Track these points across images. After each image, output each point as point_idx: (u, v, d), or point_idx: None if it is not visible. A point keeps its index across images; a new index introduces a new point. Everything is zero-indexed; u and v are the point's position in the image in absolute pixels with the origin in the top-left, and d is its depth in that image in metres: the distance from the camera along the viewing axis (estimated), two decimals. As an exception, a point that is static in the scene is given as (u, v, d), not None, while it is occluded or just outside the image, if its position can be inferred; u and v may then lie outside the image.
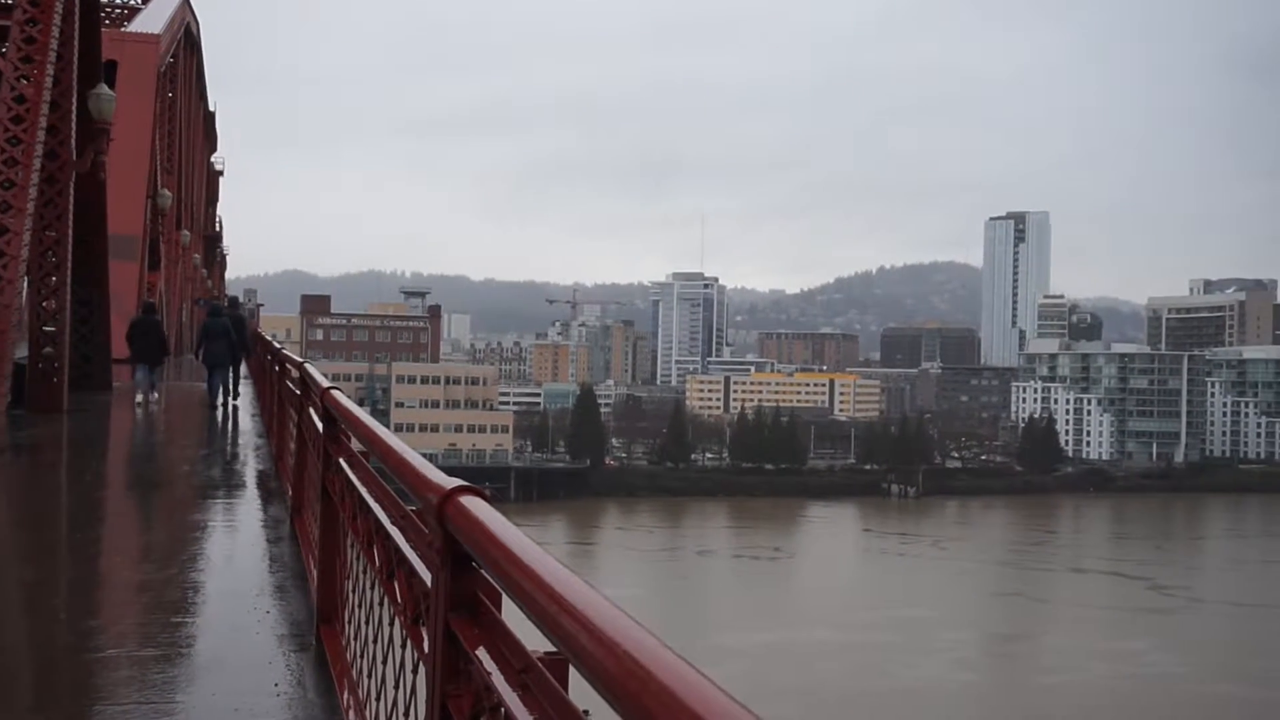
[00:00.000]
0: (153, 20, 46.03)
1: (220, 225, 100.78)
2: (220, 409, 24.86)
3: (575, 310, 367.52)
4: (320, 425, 7.21)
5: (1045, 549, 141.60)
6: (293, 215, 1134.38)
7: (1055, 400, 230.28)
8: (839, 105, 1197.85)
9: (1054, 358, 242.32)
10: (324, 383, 7.61)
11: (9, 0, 21.75)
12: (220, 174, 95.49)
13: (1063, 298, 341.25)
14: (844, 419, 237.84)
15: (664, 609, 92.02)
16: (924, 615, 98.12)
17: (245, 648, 6.74)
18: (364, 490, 5.08)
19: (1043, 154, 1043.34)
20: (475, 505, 2.74)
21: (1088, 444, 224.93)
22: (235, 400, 25.97)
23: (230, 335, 25.60)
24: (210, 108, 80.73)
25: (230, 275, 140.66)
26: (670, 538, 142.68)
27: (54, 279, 23.14)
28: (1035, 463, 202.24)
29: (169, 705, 5.69)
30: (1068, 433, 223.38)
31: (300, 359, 11.49)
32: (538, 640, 2.19)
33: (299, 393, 9.77)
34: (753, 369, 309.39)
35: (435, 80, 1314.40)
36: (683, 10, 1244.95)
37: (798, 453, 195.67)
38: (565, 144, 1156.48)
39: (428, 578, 3.31)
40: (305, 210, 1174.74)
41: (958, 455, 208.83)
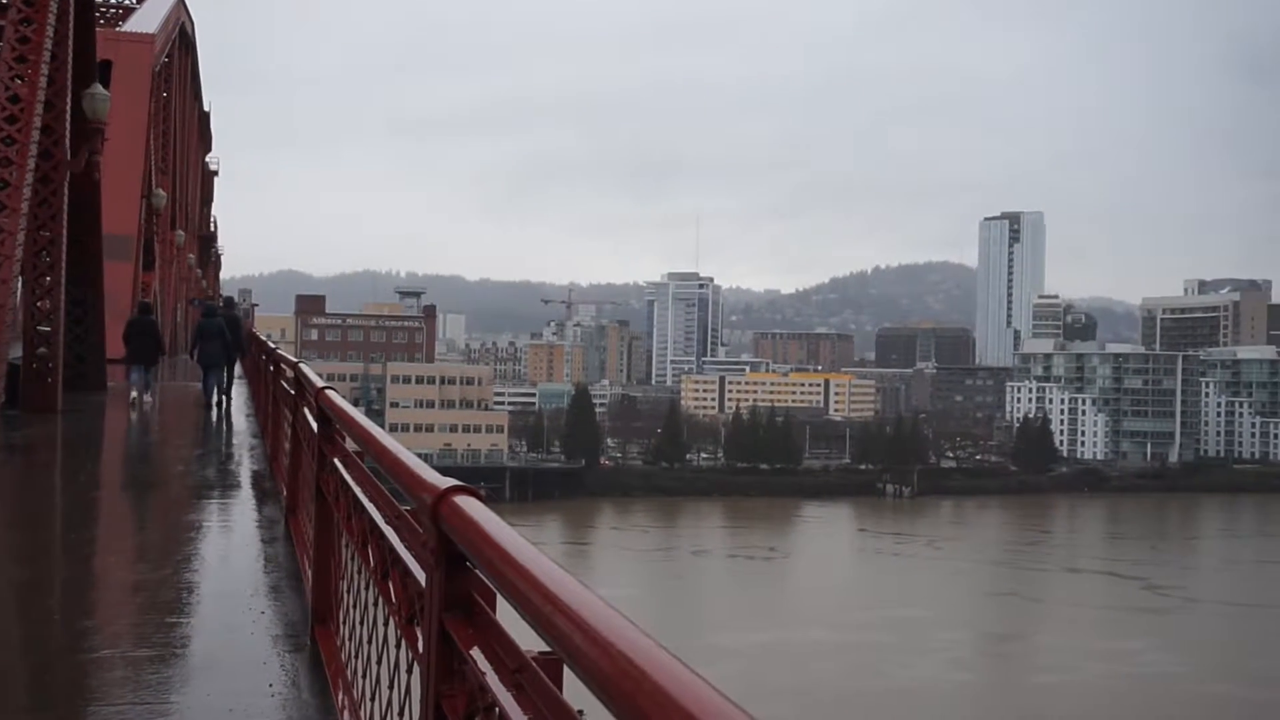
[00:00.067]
0: (147, 20, 45.97)
1: (215, 225, 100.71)
2: (215, 409, 24.84)
3: (570, 310, 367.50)
4: (315, 425, 7.20)
5: (1040, 549, 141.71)
6: (288, 215, 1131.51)
7: (1050, 400, 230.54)
8: (835, 105, 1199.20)
9: (1049, 358, 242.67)
10: (318, 383, 7.61)
11: (3, 0, 21.72)
12: (215, 174, 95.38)
13: (1057, 298, 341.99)
14: (839, 419, 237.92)
15: (659, 609, 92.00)
16: (919, 615, 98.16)
17: (240, 648, 6.74)
18: (359, 490, 5.07)
19: (1037, 154, 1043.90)
20: (469, 505, 2.74)
21: (1082, 444, 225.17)
22: (230, 400, 25.94)
23: (225, 335, 25.59)
24: (205, 108, 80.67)
25: (225, 275, 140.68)
26: (665, 537, 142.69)
27: (48, 279, 23.12)
28: (1030, 463, 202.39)
29: (164, 706, 5.68)
30: (1062, 433, 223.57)
31: (295, 359, 11.49)
32: (532, 640, 2.19)
33: (294, 393, 9.77)
34: (748, 369, 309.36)
35: (430, 80, 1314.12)
36: (680, 10, 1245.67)
37: (793, 453, 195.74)
38: (561, 144, 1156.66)
39: (422, 578, 3.31)
40: (300, 210, 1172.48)
41: (953, 455, 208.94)
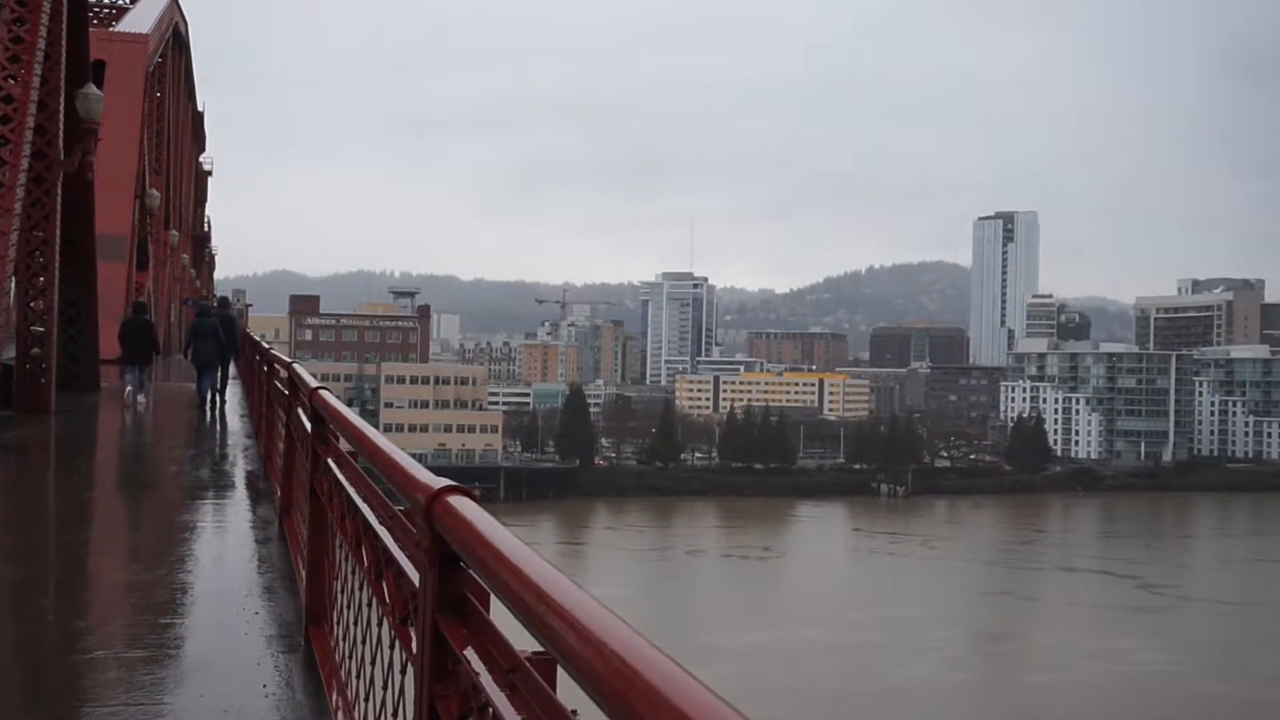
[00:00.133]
0: (141, 20, 45.94)
1: (209, 225, 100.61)
2: (209, 409, 24.82)
3: (565, 310, 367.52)
4: (308, 425, 7.20)
5: (1034, 548, 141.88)
6: (282, 215, 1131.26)
7: (1044, 400, 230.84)
8: (830, 105, 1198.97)
9: (1042, 357, 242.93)
10: (312, 383, 7.60)
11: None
12: (209, 174, 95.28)
13: (1051, 297, 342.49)
14: (833, 418, 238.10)
15: (654, 609, 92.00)
16: (913, 614, 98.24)
17: (234, 649, 6.74)
18: (352, 490, 5.07)
19: (1031, 154, 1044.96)
20: (463, 505, 2.74)
21: (1076, 443, 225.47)
22: (224, 400, 25.90)
23: (219, 335, 25.54)
24: (199, 108, 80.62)
25: (219, 275, 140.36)
26: (660, 537, 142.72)
27: (41, 279, 23.07)
28: (1024, 462, 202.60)
29: (157, 707, 5.68)
30: (1056, 432, 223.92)
31: (289, 359, 11.48)
32: (526, 640, 2.19)
33: (287, 393, 9.76)
34: (742, 369, 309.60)
35: (424, 80, 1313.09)
36: (676, 10, 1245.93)
37: (787, 452, 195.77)
38: (556, 144, 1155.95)
39: (416, 578, 3.30)
40: (294, 211, 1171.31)
41: (947, 455, 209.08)
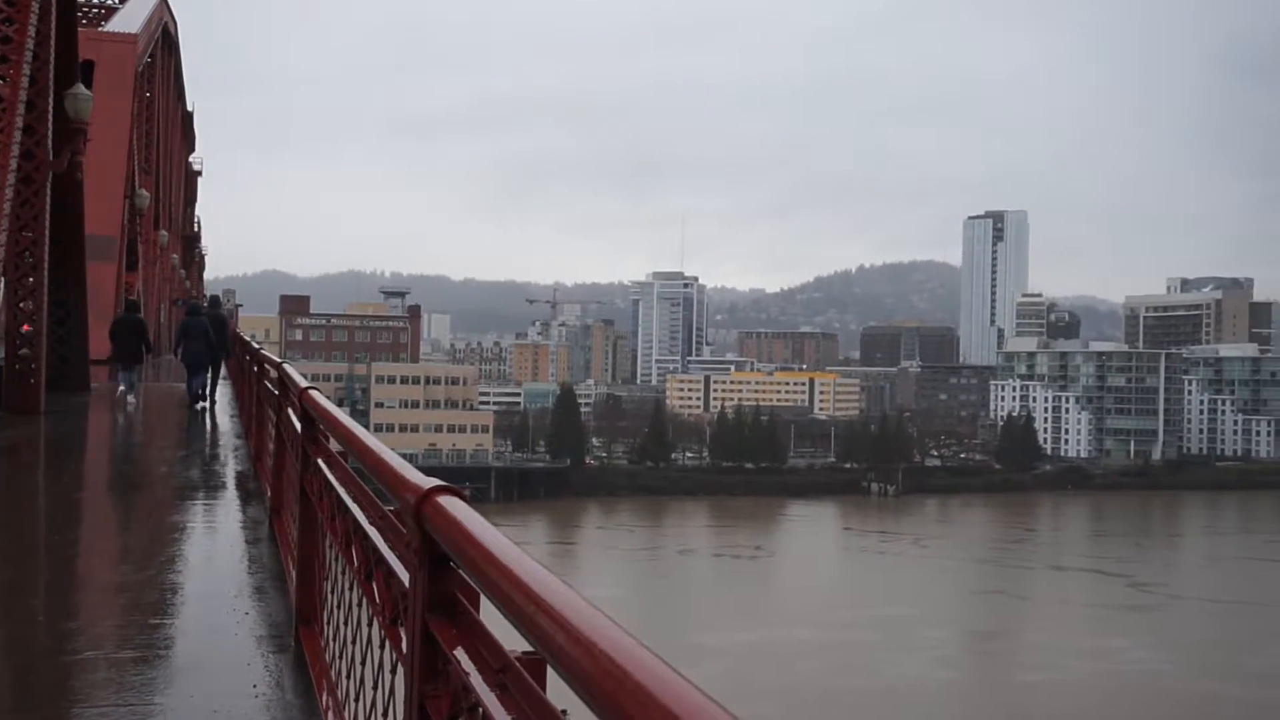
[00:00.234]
0: (130, 20, 45.85)
1: (199, 226, 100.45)
2: (199, 409, 24.77)
3: (555, 310, 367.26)
4: (298, 426, 7.19)
5: (1025, 547, 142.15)
6: (272, 216, 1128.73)
7: (1034, 398, 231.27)
8: (823, 105, 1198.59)
9: (1032, 356, 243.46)
10: (302, 383, 7.60)
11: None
12: (199, 174, 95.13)
13: (1041, 296, 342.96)
14: (824, 418, 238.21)
15: (645, 608, 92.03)
16: (905, 613, 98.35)
17: (224, 649, 6.73)
18: (342, 491, 5.07)
19: (1021, 154, 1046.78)
20: (453, 505, 2.74)
21: (1066, 442, 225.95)
22: (214, 401, 25.85)
23: (209, 334, 25.51)
24: (188, 108, 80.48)
25: (209, 275, 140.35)
26: (651, 537, 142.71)
27: (31, 280, 23.02)
28: (1014, 461, 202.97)
29: (147, 707, 5.67)
30: (1046, 431, 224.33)
31: (279, 359, 11.47)
32: (516, 640, 2.19)
33: (277, 393, 9.75)
34: (733, 368, 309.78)
35: (417, 80, 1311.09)
36: (670, 10, 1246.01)
37: (778, 451, 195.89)
38: (546, 144, 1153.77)
39: (406, 578, 3.30)
40: (284, 211, 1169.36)
41: (937, 453, 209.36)
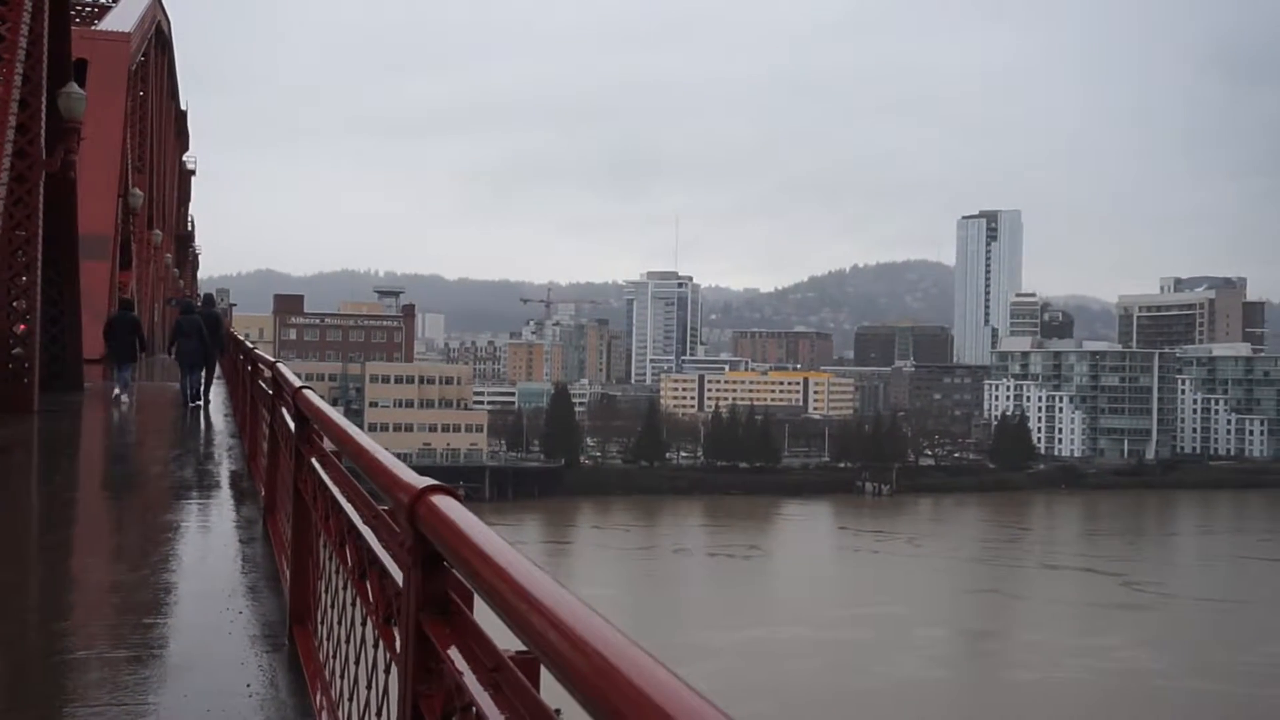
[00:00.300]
0: (123, 19, 45.76)
1: (192, 225, 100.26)
2: (193, 408, 24.73)
3: (550, 309, 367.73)
4: (292, 425, 7.19)
5: (1019, 546, 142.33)
6: (266, 215, 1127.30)
7: (1027, 398, 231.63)
8: (817, 104, 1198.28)
9: (1026, 355, 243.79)
10: (296, 382, 7.59)
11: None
12: (192, 173, 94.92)
13: (1034, 296, 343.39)
14: (818, 417, 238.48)
15: (639, 608, 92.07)
16: (899, 612, 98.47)
17: (218, 649, 6.72)
18: (336, 490, 5.06)
19: (1015, 153, 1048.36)
20: (446, 504, 2.74)
21: (1060, 441, 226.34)
22: (208, 400, 25.80)
23: (203, 333, 25.45)
24: (182, 107, 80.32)
25: (203, 275, 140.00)
26: (646, 536, 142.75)
27: (24, 278, 22.98)
28: (1008, 460, 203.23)
29: (141, 707, 5.67)
30: (1040, 430, 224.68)
31: (273, 359, 11.45)
32: (509, 640, 2.20)
33: (271, 392, 9.75)
34: (727, 368, 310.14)
35: (411, 80, 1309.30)
36: (662, 8, 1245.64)
37: (772, 451, 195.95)
38: (542, 143, 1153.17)
39: (399, 577, 3.30)
40: (278, 210, 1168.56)
41: (931, 453, 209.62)
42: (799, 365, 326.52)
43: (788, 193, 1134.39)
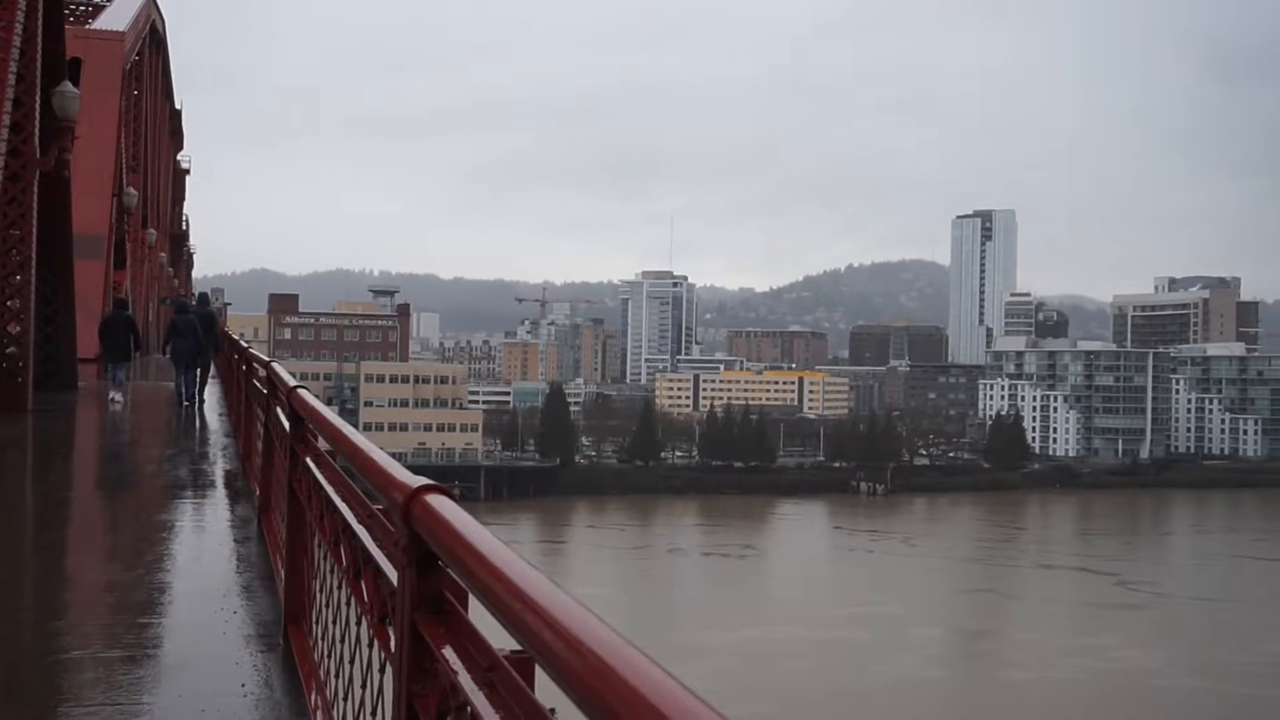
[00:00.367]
0: (118, 18, 45.72)
1: (187, 224, 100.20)
2: (187, 407, 24.70)
3: (544, 309, 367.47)
4: (287, 425, 7.18)
5: (1013, 545, 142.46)
6: (261, 214, 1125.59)
7: (1022, 397, 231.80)
8: (812, 104, 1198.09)
9: (1020, 355, 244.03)
10: (291, 382, 7.58)
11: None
12: (187, 172, 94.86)
13: (1029, 295, 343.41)
14: (813, 417, 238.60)
15: (634, 607, 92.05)
16: (894, 612, 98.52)
17: (212, 648, 6.72)
18: (331, 490, 5.06)
19: (1010, 153, 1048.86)
20: (441, 504, 2.74)
21: (1054, 441, 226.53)
22: (202, 399, 25.77)
23: (198, 332, 25.43)
24: (176, 106, 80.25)
25: (197, 274, 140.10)
26: (641, 536, 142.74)
27: (18, 278, 22.96)
28: (1003, 460, 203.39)
29: (135, 706, 5.66)
30: (1035, 430, 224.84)
31: (267, 358, 11.44)
32: (504, 639, 2.20)
33: (266, 392, 9.73)
34: (722, 367, 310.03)
35: (407, 79, 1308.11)
36: (658, 8, 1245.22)
37: (767, 450, 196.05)
38: (537, 143, 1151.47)
39: (394, 577, 3.30)
40: (273, 209, 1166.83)
41: (926, 452, 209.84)
42: (794, 365, 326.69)
43: (786, 193, 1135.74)
